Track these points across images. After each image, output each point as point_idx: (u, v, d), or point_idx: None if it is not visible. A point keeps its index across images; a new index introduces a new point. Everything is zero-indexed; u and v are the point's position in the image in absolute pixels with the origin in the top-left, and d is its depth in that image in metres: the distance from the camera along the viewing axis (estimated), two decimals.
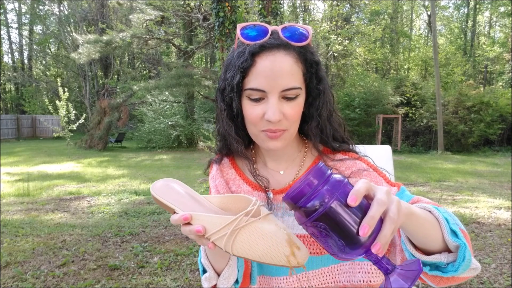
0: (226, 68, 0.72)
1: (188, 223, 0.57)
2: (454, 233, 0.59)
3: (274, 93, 0.65)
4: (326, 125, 0.75)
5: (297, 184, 0.49)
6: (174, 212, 0.60)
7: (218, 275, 0.72)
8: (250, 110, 0.68)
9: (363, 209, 0.46)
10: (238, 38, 0.69)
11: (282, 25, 0.68)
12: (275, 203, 0.77)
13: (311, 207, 0.46)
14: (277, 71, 0.65)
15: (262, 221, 0.56)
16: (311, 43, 0.71)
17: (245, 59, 0.66)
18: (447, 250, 0.59)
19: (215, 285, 0.73)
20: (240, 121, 0.74)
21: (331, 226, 0.46)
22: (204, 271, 0.74)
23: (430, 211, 0.61)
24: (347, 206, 0.45)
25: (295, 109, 0.68)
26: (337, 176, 0.49)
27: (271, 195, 0.77)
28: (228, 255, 0.69)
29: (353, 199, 0.45)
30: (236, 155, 0.82)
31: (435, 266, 0.60)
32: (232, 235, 0.54)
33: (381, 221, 0.47)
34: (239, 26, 0.68)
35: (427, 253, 0.60)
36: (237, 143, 0.75)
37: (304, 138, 0.82)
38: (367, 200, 0.48)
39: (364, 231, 0.44)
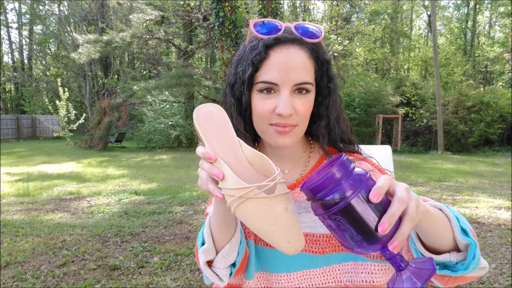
0: (237, 63, 0.72)
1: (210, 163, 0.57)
2: (464, 231, 0.59)
3: (286, 86, 0.65)
4: (335, 125, 0.75)
5: (318, 176, 0.47)
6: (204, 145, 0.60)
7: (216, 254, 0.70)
8: (261, 104, 0.67)
9: (382, 205, 0.45)
10: (251, 33, 0.68)
11: (295, 23, 0.68)
12: None
13: (330, 200, 0.45)
14: (291, 65, 0.65)
15: (272, 200, 0.55)
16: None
17: (258, 52, 0.66)
18: (456, 249, 0.59)
19: (211, 261, 0.71)
20: (248, 117, 0.73)
21: (350, 220, 0.45)
22: (203, 245, 0.71)
23: (441, 209, 0.61)
24: (368, 201, 0.45)
25: (306, 105, 0.67)
26: (359, 170, 0.48)
27: None
28: (232, 230, 0.69)
29: (376, 195, 0.44)
30: None
31: (443, 266, 0.60)
32: (239, 200, 0.54)
33: (399, 217, 0.46)
34: (252, 22, 0.67)
35: (436, 252, 0.60)
36: (246, 139, 0.74)
37: (310, 138, 0.81)
38: (386, 196, 0.47)
39: (384, 228, 0.43)
